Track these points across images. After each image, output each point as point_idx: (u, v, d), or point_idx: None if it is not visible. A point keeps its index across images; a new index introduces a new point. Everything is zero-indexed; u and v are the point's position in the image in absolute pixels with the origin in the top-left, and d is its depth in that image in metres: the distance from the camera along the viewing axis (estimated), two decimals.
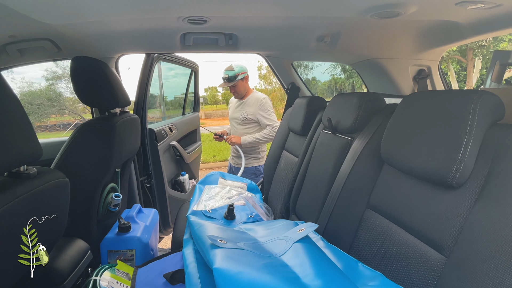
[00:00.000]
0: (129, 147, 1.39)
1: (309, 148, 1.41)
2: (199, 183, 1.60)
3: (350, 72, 11.05)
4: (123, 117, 1.30)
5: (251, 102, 2.19)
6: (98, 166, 1.17)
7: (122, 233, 1.17)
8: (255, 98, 2.18)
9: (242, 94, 2.21)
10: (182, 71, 3.31)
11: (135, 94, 1.80)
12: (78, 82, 1.20)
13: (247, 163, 2.24)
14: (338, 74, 12.00)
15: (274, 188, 1.72)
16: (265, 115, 2.15)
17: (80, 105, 9.29)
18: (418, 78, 1.69)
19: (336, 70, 11.68)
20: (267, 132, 2.13)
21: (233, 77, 2.12)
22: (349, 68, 10.89)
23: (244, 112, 2.21)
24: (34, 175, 0.65)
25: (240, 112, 2.24)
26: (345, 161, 1.04)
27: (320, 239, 0.91)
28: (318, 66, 11.59)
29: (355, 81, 10.89)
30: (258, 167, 2.28)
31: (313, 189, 1.26)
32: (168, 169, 2.12)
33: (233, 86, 2.16)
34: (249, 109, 2.19)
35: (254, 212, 1.33)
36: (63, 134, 9.08)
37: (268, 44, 1.54)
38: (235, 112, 2.29)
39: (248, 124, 2.21)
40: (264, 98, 2.17)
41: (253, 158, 2.27)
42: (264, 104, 2.15)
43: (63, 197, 0.75)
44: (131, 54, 1.61)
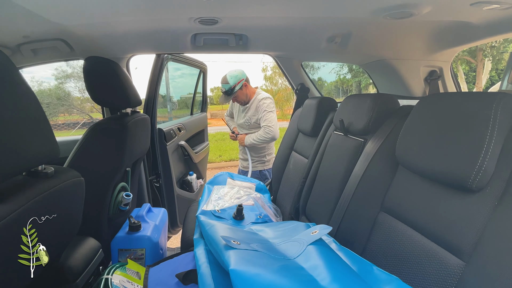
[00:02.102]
0: (140, 146, 1.40)
1: (320, 149, 1.40)
2: (207, 183, 1.60)
3: (356, 71, 10.98)
4: (134, 117, 1.31)
5: (253, 106, 2.10)
6: (110, 165, 1.18)
7: (132, 232, 1.18)
8: (256, 101, 2.09)
9: (246, 101, 2.11)
10: (189, 71, 3.33)
11: (145, 93, 1.81)
12: (90, 82, 1.21)
13: (252, 166, 2.18)
14: (345, 74, 11.95)
15: (283, 189, 1.71)
16: (261, 115, 2.05)
17: (88, 104, 9.39)
18: (430, 79, 1.67)
19: (343, 70, 11.63)
20: (261, 133, 2.03)
21: (231, 90, 2.02)
22: (355, 67, 10.86)
23: (248, 118, 2.14)
24: (51, 174, 0.66)
25: (244, 118, 2.17)
26: (358, 162, 1.03)
27: (333, 241, 0.90)
28: (325, 66, 11.56)
29: (360, 80, 10.82)
30: (263, 171, 2.20)
31: (324, 191, 1.25)
32: (176, 169, 2.13)
33: (234, 97, 2.07)
34: (251, 113, 2.11)
35: (263, 213, 1.33)
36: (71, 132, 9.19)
37: (278, 44, 1.54)
38: (240, 118, 2.22)
39: (254, 129, 2.14)
40: (263, 99, 2.06)
41: (258, 162, 2.20)
42: (261, 105, 2.04)
43: (79, 196, 0.76)
44: (142, 54, 1.62)
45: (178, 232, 2.21)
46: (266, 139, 2.02)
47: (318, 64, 10.99)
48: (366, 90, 11.16)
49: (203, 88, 2.88)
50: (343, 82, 12.38)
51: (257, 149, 2.18)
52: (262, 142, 2.05)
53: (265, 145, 2.18)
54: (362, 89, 11.12)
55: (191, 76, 2.98)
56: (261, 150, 2.19)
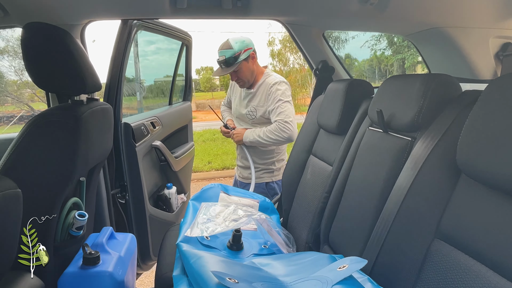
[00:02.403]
0: (99, 147, 1.41)
1: (349, 153, 1.40)
2: (193, 199, 1.61)
3: (399, 45, 10.98)
4: (92, 107, 1.31)
5: (261, 92, 2.09)
6: (57, 173, 1.18)
7: (88, 266, 1.18)
8: (265, 85, 2.08)
9: (250, 81, 2.10)
10: (167, 45, 3.34)
11: (107, 75, 1.82)
12: (31, 58, 1.22)
13: (256, 176, 2.16)
14: (383, 50, 11.94)
15: (297, 208, 1.71)
16: (273, 106, 2.02)
17: (28, 90, 9.45)
18: (503, 55, 1.68)
19: (380, 44, 11.62)
20: (273, 129, 1.98)
21: (233, 59, 1.99)
22: (398, 40, 10.85)
23: (252, 108, 2.13)
24: None
25: (247, 108, 2.16)
26: (404, 170, 1.03)
27: (368, 280, 0.91)
28: (354, 37, 11.57)
29: (405, 57, 10.81)
30: (271, 183, 2.19)
31: (355, 210, 1.25)
32: (149, 179, 2.14)
33: (235, 72, 2.03)
34: (258, 102, 2.10)
35: (269, 241, 1.34)
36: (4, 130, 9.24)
37: (291, 6, 1.55)
38: (241, 106, 2.22)
39: (260, 125, 2.13)
40: (277, 84, 2.04)
41: (264, 171, 2.18)
42: (274, 92, 2.02)
43: (14, 215, 0.76)
44: (102, 20, 1.62)
45: (152, 267, 2.21)
46: (279, 138, 1.98)
47: (345, 35, 11.02)
48: (412, 71, 11.16)
49: (187, 69, 2.89)
50: (380, 61, 12.39)
51: (263, 153, 2.17)
52: (273, 142, 2.02)
53: (274, 147, 2.16)
54: (407, 70, 11.13)
55: (170, 52, 2.99)
56: (269, 155, 2.18)
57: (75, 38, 1.37)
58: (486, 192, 0.79)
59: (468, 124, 0.84)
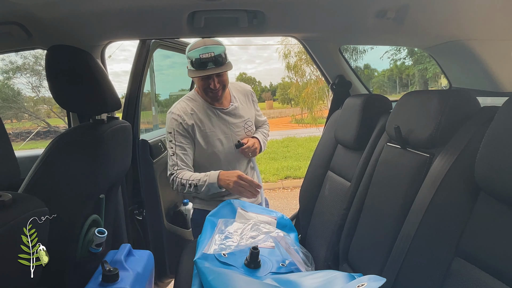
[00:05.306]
0: (118, 165, 1.46)
1: (368, 169, 1.41)
2: (210, 215, 1.62)
3: (420, 55, 10.84)
4: (112, 125, 1.37)
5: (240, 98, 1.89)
6: (79, 191, 1.22)
7: (107, 283, 1.22)
8: (237, 91, 1.90)
9: (224, 90, 1.76)
10: (182, 60, 3.40)
11: (126, 93, 1.89)
12: (55, 79, 1.28)
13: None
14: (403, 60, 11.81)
15: (315, 225, 1.72)
16: (256, 107, 2.00)
17: (44, 106, 9.70)
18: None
19: (400, 54, 11.51)
20: (266, 129, 2.04)
21: (223, 58, 1.64)
22: (419, 49, 10.70)
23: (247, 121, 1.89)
24: (9, 203, 0.71)
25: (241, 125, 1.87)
26: (423, 187, 1.04)
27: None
28: (373, 48, 11.53)
29: (427, 67, 10.65)
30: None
31: (374, 227, 1.25)
32: (166, 196, 2.17)
33: (222, 75, 1.69)
34: (246, 112, 1.90)
35: (288, 259, 1.33)
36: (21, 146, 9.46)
37: (306, 23, 1.58)
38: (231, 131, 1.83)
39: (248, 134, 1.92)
40: (246, 86, 1.99)
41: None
42: (252, 95, 1.97)
43: (41, 232, 0.80)
44: (121, 40, 1.71)
45: (168, 285, 2.23)
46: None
47: (363, 46, 10.99)
48: (435, 83, 10.97)
49: None
50: (401, 71, 12.25)
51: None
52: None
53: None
54: (429, 81, 10.97)
55: (185, 66, 3.03)
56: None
57: (96, 59, 1.43)
58: (506, 209, 0.79)
59: (486, 140, 0.85)
